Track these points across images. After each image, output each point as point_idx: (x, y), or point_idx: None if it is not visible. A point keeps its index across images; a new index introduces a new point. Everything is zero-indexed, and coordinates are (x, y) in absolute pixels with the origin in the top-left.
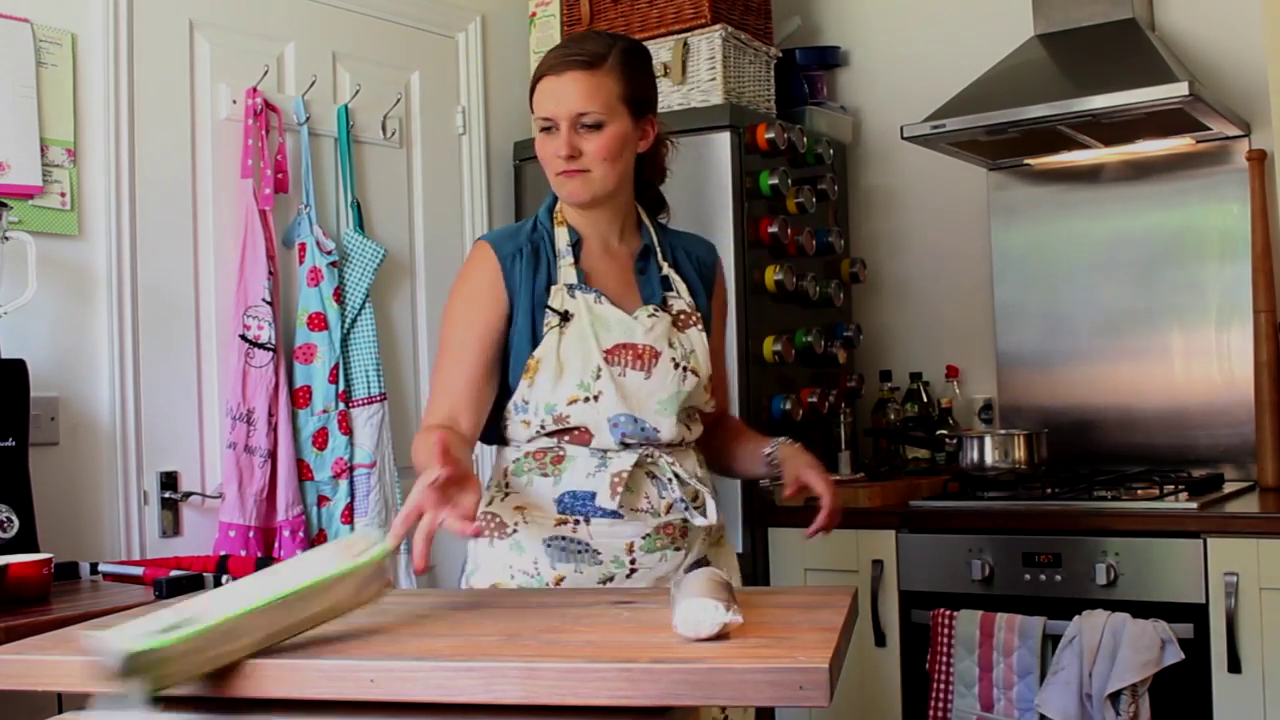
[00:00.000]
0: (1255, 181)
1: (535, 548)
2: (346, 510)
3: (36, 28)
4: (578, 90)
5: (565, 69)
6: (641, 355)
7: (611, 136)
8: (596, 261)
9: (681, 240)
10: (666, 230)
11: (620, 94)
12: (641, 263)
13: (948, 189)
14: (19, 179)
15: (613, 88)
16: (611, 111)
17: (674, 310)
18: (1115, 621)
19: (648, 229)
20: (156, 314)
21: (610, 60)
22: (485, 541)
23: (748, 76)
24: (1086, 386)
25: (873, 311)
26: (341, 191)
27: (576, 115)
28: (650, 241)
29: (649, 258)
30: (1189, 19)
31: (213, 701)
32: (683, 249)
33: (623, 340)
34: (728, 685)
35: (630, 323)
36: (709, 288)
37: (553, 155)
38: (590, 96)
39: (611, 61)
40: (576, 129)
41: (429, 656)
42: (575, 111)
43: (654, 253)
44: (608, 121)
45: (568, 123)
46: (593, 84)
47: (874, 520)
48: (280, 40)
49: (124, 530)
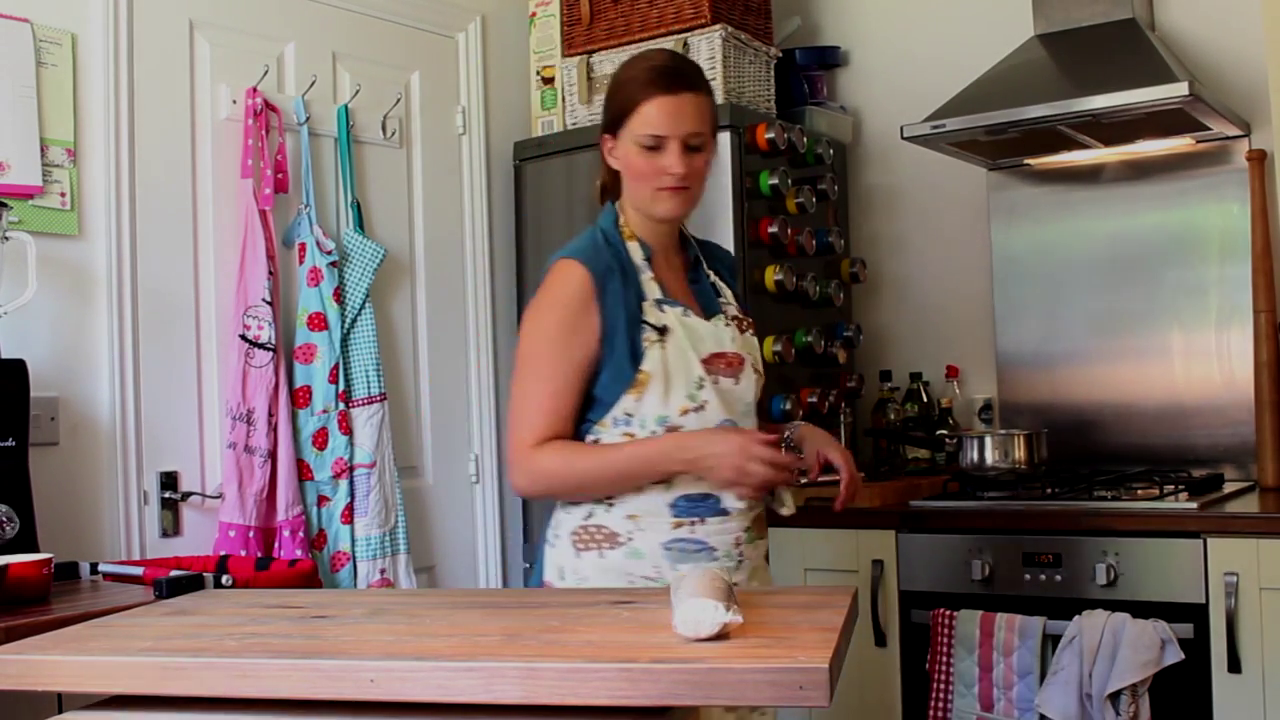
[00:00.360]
0: (1255, 181)
1: (654, 552)
2: (346, 510)
3: (36, 28)
4: (694, 113)
5: (680, 89)
6: (732, 363)
7: (710, 155)
8: (663, 274)
9: (706, 248)
10: (693, 239)
11: (714, 115)
12: (694, 273)
13: (948, 189)
14: (19, 179)
15: (711, 110)
16: (710, 133)
17: (729, 313)
18: (1115, 621)
19: (689, 240)
20: (156, 314)
21: (706, 83)
22: (592, 554)
23: (748, 76)
24: (1086, 386)
25: (873, 311)
26: (341, 191)
27: (689, 135)
28: (695, 253)
29: (699, 268)
30: (1189, 19)
31: (213, 701)
32: (711, 255)
33: (715, 350)
34: (728, 685)
35: (718, 333)
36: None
37: (660, 172)
38: (702, 119)
39: (706, 85)
40: (686, 149)
41: (429, 656)
42: (689, 132)
43: (702, 264)
44: (707, 144)
45: (679, 142)
46: (704, 107)
47: (874, 520)
48: (280, 40)
49: (124, 530)
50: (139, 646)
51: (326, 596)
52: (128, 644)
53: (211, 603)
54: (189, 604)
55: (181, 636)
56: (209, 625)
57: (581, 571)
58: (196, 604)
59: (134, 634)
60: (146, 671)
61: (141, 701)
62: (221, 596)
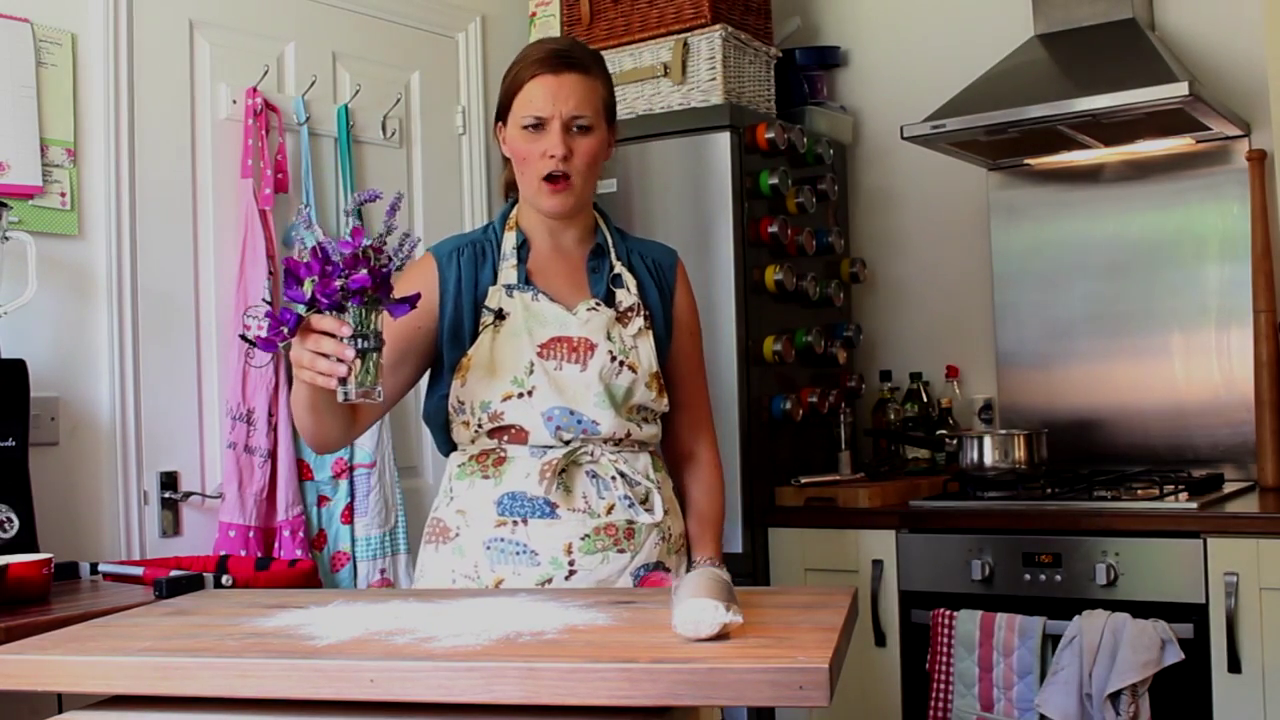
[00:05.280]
0: (1255, 181)
1: (476, 551)
2: (346, 510)
3: (36, 28)
4: (577, 92)
5: (563, 70)
6: (577, 347)
7: (598, 142)
8: (545, 261)
9: (639, 245)
10: (625, 236)
11: (605, 100)
12: (594, 261)
13: (948, 189)
14: (19, 179)
15: (601, 93)
16: (598, 117)
17: (621, 305)
18: (1115, 621)
19: (603, 232)
20: (156, 314)
21: (597, 67)
22: (430, 548)
23: (748, 76)
24: (1086, 386)
25: (873, 311)
26: (341, 191)
27: (572, 117)
28: (604, 241)
29: (602, 256)
30: (1189, 19)
31: (213, 701)
32: (639, 253)
33: (558, 334)
34: (728, 685)
35: (566, 317)
36: (669, 292)
37: (542, 155)
38: (587, 102)
39: (598, 68)
40: (569, 130)
41: (429, 657)
42: (571, 114)
43: (607, 252)
44: (595, 127)
45: (561, 123)
46: (588, 87)
47: (874, 520)
48: (280, 40)
49: (124, 530)
50: (139, 646)
51: (326, 596)
52: (128, 644)
53: (211, 603)
54: (189, 604)
55: (181, 636)
56: (209, 625)
57: (423, 565)
58: (196, 604)
59: (134, 634)
60: (146, 671)
61: (141, 701)
62: (221, 596)
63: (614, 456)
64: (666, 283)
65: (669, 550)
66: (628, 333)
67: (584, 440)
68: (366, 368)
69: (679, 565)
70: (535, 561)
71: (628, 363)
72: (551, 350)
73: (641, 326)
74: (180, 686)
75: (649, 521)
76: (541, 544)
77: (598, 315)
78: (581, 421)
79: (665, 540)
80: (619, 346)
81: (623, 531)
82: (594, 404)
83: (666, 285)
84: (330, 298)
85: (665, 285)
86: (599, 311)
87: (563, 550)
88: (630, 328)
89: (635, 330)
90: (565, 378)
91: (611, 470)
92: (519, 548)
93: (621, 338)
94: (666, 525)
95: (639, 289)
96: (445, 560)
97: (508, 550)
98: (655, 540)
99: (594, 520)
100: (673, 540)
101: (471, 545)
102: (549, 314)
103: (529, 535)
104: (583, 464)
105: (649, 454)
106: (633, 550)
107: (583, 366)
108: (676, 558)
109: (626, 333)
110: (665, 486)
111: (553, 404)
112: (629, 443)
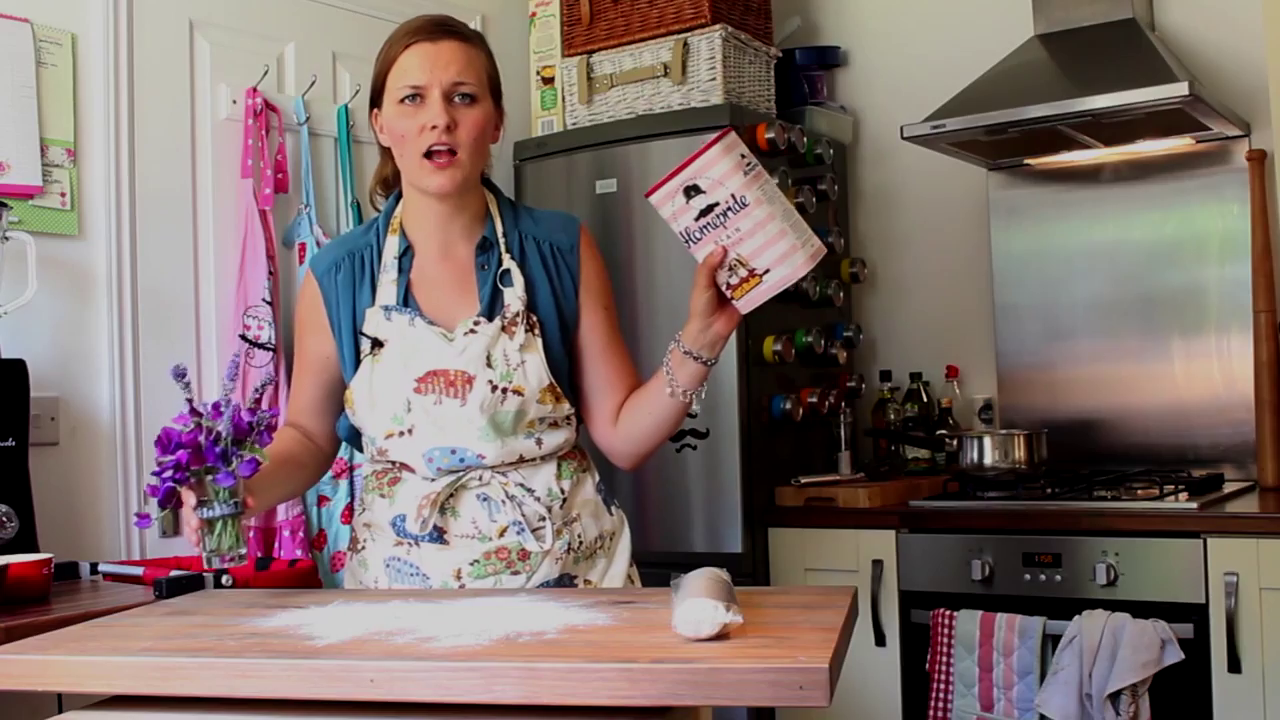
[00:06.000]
0: (1255, 181)
1: (377, 566)
2: (346, 510)
3: (36, 28)
4: (458, 59)
5: (441, 37)
6: (454, 381)
7: (484, 114)
8: (431, 270)
9: (537, 227)
10: (521, 216)
11: (490, 74)
12: (482, 256)
13: (948, 189)
14: (19, 179)
15: (485, 65)
16: (483, 88)
17: (508, 313)
18: (1115, 621)
19: (493, 220)
20: (156, 314)
21: (479, 40)
22: (348, 554)
23: (748, 76)
24: (1086, 386)
25: (873, 311)
26: (341, 191)
27: (453, 85)
28: (492, 233)
29: (490, 250)
30: (1189, 19)
31: (213, 701)
32: (534, 237)
33: (434, 367)
34: (728, 685)
35: (443, 346)
36: (570, 276)
37: (422, 128)
38: (468, 67)
39: (480, 42)
40: (451, 100)
41: (429, 657)
42: (453, 80)
43: (495, 245)
44: (480, 98)
45: (441, 91)
46: (469, 55)
47: (874, 520)
48: (280, 40)
49: (124, 530)
50: (139, 646)
51: (326, 596)
52: (128, 644)
53: (211, 603)
54: (189, 604)
55: (181, 636)
56: (209, 625)
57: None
58: (196, 604)
59: (134, 634)
60: (146, 671)
61: (141, 701)
62: (221, 596)
63: (505, 479)
64: (568, 266)
65: (576, 560)
66: (513, 347)
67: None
68: (214, 533)
69: (590, 570)
70: (427, 583)
71: (511, 388)
72: (429, 384)
73: (525, 339)
74: (180, 686)
75: (539, 550)
76: (432, 568)
77: (477, 338)
78: (465, 459)
79: (571, 550)
80: (501, 372)
81: (516, 554)
82: (477, 437)
83: (568, 268)
84: (164, 480)
85: (566, 268)
86: (478, 333)
87: (452, 575)
88: (514, 340)
89: (519, 344)
90: (445, 414)
91: (502, 493)
92: (413, 569)
93: (506, 357)
94: (576, 533)
95: (528, 287)
96: (353, 571)
97: (404, 571)
98: (556, 556)
99: (484, 545)
100: (583, 548)
101: (374, 560)
102: (425, 342)
103: (421, 558)
104: (471, 488)
105: (557, 460)
106: (529, 571)
107: (462, 401)
108: (586, 564)
109: (512, 347)
110: (580, 489)
111: (432, 444)
112: (526, 461)
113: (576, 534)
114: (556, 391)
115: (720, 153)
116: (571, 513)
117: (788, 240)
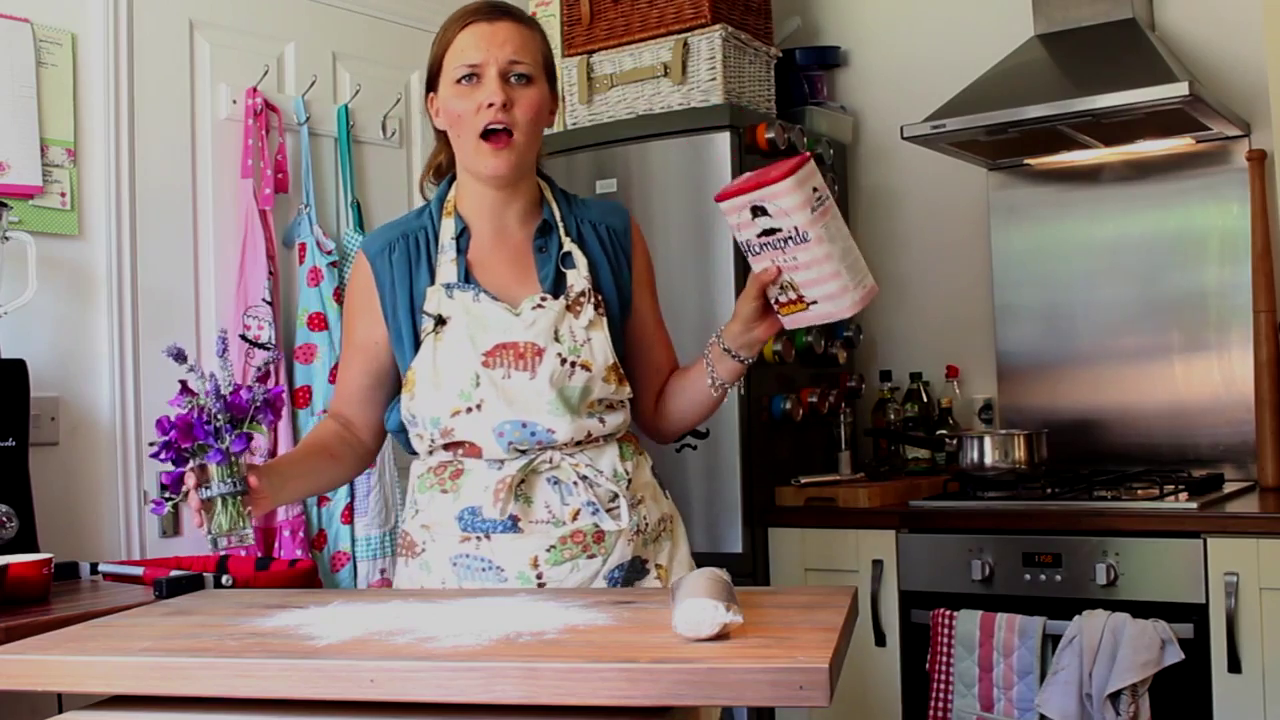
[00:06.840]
0: (1255, 181)
1: (443, 567)
2: (346, 510)
3: (36, 28)
4: (514, 40)
5: (498, 18)
6: (524, 354)
7: (540, 95)
8: (487, 252)
9: (590, 211)
10: (574, 202)
11: (545, 56)
12: (541, 240)
13: (948, 189)
14: (19, 179)
15: (540, 47)
16: (539, 70)
17: (572, 292)
18: (1115, 621)
19: (549, 205)
20: (156, 314)
21: (534, 23)
22: (401, 561)
23: (748, 76)
24: (1086, 386)
25: (872, 311)
26: (341, 191)
27: (509, 64)
28: (550, 217)
29: (549, 234)
30: (1189, 19)
31: (213, 701)
32: (590, 221)
33: (502, 340)
34: (728, 685)
35: (510, 320)
36: (625, 258)
37: (479, 106)
38: (525, 50)
39: (535, 24)
40: (507, 80)
41: (429, 656)
42: (509, 59)
43: (555, 228)
44: (536, 79)
45: (498, 70)
46: (525, 36)
47: (874, 520)
48: (280, 40)
49: (124, 530)
50: (139, 646)
51: (326, 596)
52: (128, 644)
53: (211, 603)
54: (189, 604)
55: (181, 636)
56: (209, 625)
57: (397, 578)
58: (196, 604)
59: (134, 634)
60: (146, 671)
61: (141, 701)
62: (221, 596)
63: (574, 460)
64: (623, 248)
65: (645, 542)
66: (579, 325)
67: (540, 449)
68: (215, 513)
69: (659, 554)
70: (502, 578)
71: (580, 362)
72: (497, 358)
73: (593, 316)
74: (180, 686)
75: (615, 529)
76: (506, 559)
77: (544, 313)
78: (536, 433)
79: (640, 533)
80: (569, 346)
81: (591, 536)
82: (547, 412)
83: (623, 251)
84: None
85: (622, 251)
86: (545, 308)
87: (529, 564)
88: (581, 319)
89: (587, 321)
90: (514, 387)
91: (573, 475)
92: (484, 564)
93: (573, 333)
94: (643, 514)
95: (590, 268)
96: (414, 575)
97: (474, 567)
98: (628, 537)
99: (559, 529)
100: (649, 530)
101: (438, 561)
102: (492, 317)
103: (493, 551)
104: (542, 472)
105: (617, 443)
106: (604, 554)
107: (532, 374)
108: (654, 547)
109: (578, 325)
110: (640, 471)
111: (503, 418)
112: (591, 441)
113: (643, 515)
114: (619, 372)
115: (793, 185)
116: (637, 494)
117: (840, 282)
